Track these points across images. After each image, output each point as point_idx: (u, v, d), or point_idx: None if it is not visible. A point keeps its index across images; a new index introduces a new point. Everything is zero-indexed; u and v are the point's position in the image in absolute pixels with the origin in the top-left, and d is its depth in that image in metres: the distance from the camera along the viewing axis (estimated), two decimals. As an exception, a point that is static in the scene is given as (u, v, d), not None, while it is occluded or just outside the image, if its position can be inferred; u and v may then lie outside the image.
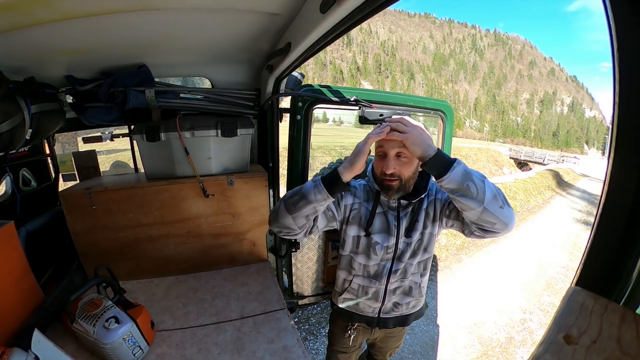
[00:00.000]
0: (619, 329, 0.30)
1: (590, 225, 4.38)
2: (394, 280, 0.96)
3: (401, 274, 0.96)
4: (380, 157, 0.86)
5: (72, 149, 1.93)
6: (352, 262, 0.98)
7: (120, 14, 0.77)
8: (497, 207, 0.72)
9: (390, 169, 0.81)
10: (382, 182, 0.86)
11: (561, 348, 0.30)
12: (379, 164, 0.85)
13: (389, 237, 0.92)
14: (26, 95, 0.93)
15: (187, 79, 1.64)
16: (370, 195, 0.95)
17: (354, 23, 0.57)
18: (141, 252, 1.19)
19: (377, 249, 0.93)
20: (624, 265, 0.35)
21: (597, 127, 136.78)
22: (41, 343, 0.65)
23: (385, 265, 0.95)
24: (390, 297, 0.99)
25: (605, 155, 0.39)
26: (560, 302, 0.35)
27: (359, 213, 0.94)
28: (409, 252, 0.94)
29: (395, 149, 0.81)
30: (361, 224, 0.94)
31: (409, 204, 0.92)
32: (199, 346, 0.87)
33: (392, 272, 0.95)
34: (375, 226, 0.93)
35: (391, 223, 0.92)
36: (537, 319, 2.80)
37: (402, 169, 0.83)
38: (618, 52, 0.31)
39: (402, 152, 0.81)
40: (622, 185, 0.35)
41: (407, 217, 0.92)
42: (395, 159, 0.82)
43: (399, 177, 0.83)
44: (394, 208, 0.93)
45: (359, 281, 0.99)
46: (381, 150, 0.84)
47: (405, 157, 0.82)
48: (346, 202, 0.94)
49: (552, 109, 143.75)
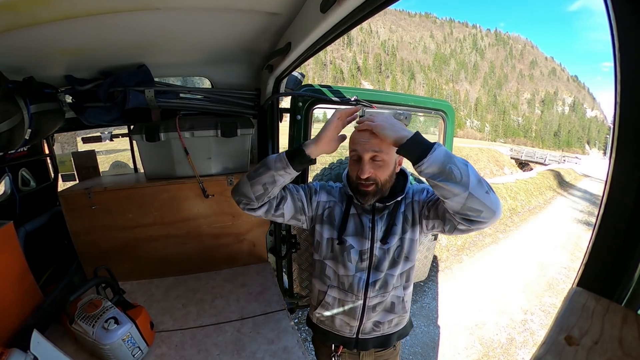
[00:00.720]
0: (620, 330, 0.30)
1: (591, 225, 4.33)
2: (373, 294, 0.87)
3: (381, 288, 0.87)
4: (354, 161, 0.81)
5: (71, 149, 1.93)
6: (325, 269, 0.91)
7: (119, 14, 0.77)
8: (483, 192, 0.66)
9: (365, 174, 0.77)
10: (358, 187, 0.81)
11: (562, 349, 0.30)
12: (354, 168, 0.81)
13: (364, 240, 0.86)
14: (25, 95, 0.92)
15: (186, 78, 1.64)
16: (343, 197, 0.90)
17: (354, 23, 0.57)
18: (141, 253, 1.19)
19: (351, 253, 0.86)
20: (625, 266, 0.35)
21: (599, 127, 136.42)
22: (40, 344, 0.65)
23: (360, 277, 0.86)
24: (369, 315, 0.90)
25: (607, 155, 0.39)
26: (561, 302, 0.35)
27: (333, 212, 0.88)
28: (388, 261, 0.86)
29: (369, 152, 0.77)
30: (334, 225, 0.88)
31: (385, 207, 0.86)
32: (199, 347, 0.86)
33: (370, 284, 0.86)
34: (349, 229, 0.87)
35: (365, 226, 0.86)
36: (538, 319, 2.79)
37: (378, 173, 0.79)
38: (619, 51, 0.31)
39: (377, 155, 0.78)
40: (623, 185, 0.35)
41: (382, 221, 0.87)
42: (370, 162, 0.78)
43: (375, 181, 0.79)
44: (368, 211, 0.87)
45: (334, 293, 0.90)
46: (355, 154, 0.80)
47: (380, 160, 0.78)
48: (319, 199, 0.89)
49: (554, 109, 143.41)
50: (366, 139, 0.78)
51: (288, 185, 0.87)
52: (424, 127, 4.34)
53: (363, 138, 0.78)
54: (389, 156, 0.79)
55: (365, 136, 0.78)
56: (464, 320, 2.66)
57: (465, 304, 2.91)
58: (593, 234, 0.38)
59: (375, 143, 0.77)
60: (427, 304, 2.86)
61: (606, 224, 0.37)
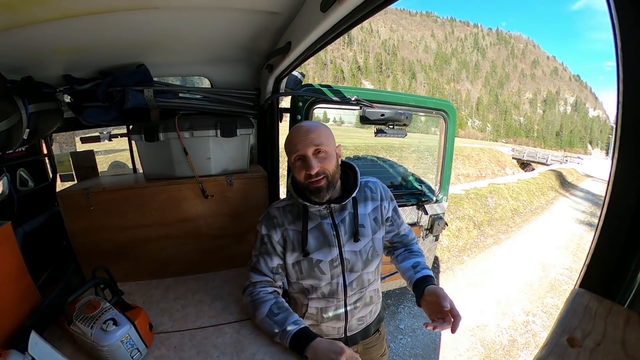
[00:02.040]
0: (623, 332, 0.30)
1: (594, 226, 4.32)
2: (352, 293, 0.89)
3: (358, 285, 0.89)
4: (299, 162, 0.80)
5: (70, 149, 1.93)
6: (302, 287, 0.90)
7: (118, 13, 0.77)
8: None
9: (315, 168, 0.76)
10: (309, 185, 0.79)
11: (565, 351, 0.30)
12: (301, 169, 0.80)
13: (331, 249, 0.84)
14: (23, 95, 0.92)
15: (186, 78, 1.63)
16: (294, 215, 0.87)
17: (354, 22, 0.57)
18: (139, 254, 1.18)
19: (322, 267, 0.84)
20: (628, 267, 0.35)
21: (601, 127, 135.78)
22: (38, 345, 0.64)
23: (338, 281, 0.87)
24: (353, 314, 0.92)
25: (609, 155, 0.39)
26: (563, 304, 0.35)
27: (290, 239, 0.86)
28: (361, 262, 0.87)
29: (311, 147, 0.77)
30: (295, 248, 0.86)
31: (342, 207, 0.85)
32: (198, 349, 0.85)
33: (348, 285, 0.88)
34: (311, 245, 0.84)
35: (329, 233, 0.84)
36: (541, 321, 2.77)
37: (325, 165, 0.78)
38: (622, 51, 0.31)
39: (318, 148, 0.77)
40: (626, 185, 0.35)
41: (344, 224, 0.85)
42: (314, 157, 0.78)
43: (325, 173, 0.79)
44: (326, 215, 0.85)
45: (315, 304, 0.90)
46: (298, 154, 0.79)
47: (323, 151, 0.78)
48: (277, 238, 0.87)
49: (555, 109, 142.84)
50: (304, 136, 0.78)
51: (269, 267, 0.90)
52: (425, 127, 4.32)
53: (301, 136, 0.79)
54: (330, 147, 0.80)
55: (303, 134, 0.79)
56: (466, 321, 2.64)
57: (467, 305, 2.89)
58: (595, 235, 0.38)
59: (314, 137, 0.78)
60: (428, 305, 2.84)
61: (609, 224, 0.37)
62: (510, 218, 5.69)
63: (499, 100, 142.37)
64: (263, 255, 0.90)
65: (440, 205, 1.88)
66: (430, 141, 4.25)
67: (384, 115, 1.44)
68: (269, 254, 0.89)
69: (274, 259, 0.89)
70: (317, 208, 0.84)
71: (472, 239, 4.46)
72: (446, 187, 1.89)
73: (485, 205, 5.56)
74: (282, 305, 0.85)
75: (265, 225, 0.88)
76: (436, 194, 1.87)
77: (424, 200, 1.80)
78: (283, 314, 0.82)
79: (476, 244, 4.38)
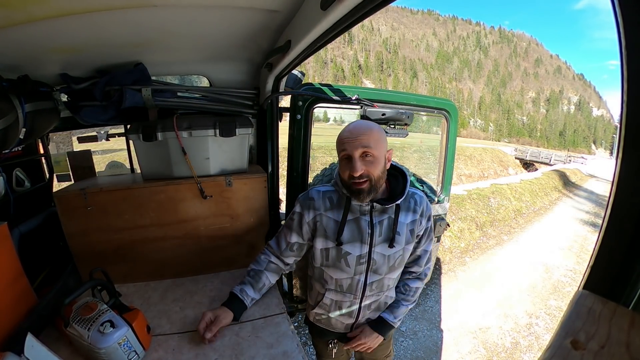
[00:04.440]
0: (628, 334, 0.30)
1: (598, 227, 4.28)
2: (370, 293, 0.91)
3: (377, 288, 0.91)
4: (345, 161, 0.81)
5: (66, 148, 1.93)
6: (323, 274, 0.93)
7: (116, 11, 0.75)
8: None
9: (358, 171, 0.77)
10: (352, 186, 0.81)
11: (568, 354, 0.30)
12: (345, 168, 0.80)
13: (362, 245, 0.86)
14: (20, 94, 0.91)
15: (184, 77, 1.62)
16: (334, 203, 0.88)
17: (355, 20, 0.56)
18: (137, 255, 1.17)
19: (348, 260, 0.87)
20: (633, 268, 0.34)
21: (605, 127, 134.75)
22: (34, 347, 0.64)
23: (359, 279, 0.89)
24: (364, 313, 0.95)
25: (614, 155, 0.38)
26: (567, 306, 0.34)
27: (322, 225, 0.88)
28: (387, 266, 0.88)
29: (359, 149, 0.77)
30: (327, 235, 0.88)
31: (384, 209, 0.86)
32: (197, 351, 0.84)
33: (368, 285, 0.89)
34: (345, 236, 0.86)
35: (364, 230, 0.85)
36: (544, 323, 2.74)
37: (370, 169, 0.78)
38: (626, 49, 0.31)
39: (366, 151, 0.77)
40: (631, 186, 0.34)
41: (381, 226, 0.86)
42: (361, 159, 0.78)
43: (368, 177, 0.79)
44: (366, 212, 0.86)
45: (331, 296, 0.93)
46: (345, 153, 0.79)
47: (370, 155, 0.78)
48: (308, 219, 0.89)
49: (559, 108, 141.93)
50: (354, 137, 0.78)
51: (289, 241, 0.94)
52: (426, 126, 4.30)
53: (351, 136, 0.78)
54: (379, 151, 0.79)
55: (354, 134, 0.78)
56: (468, 324, 2.63)
57: (469, 307, 2.87)
58: (599, 236, 0.38)
59: (364, 139, 0.77)
60: (429, 307, 2.82)
61: (613, 225, 0.36)
62: (513, 219, 5.65)
63: (501, 99, 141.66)
64: (285, 228, 0.95)
65: (442, 206, 1.86)
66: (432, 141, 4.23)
67: (385, 115, 1.42)
68: (291, 229, 0.93)
69: (293, 235, 0.93)
70: (359, 203, 0.85)
71: (475, 240, 4.43)
72: (448, 187, 1.87)
73: (488, 205, 5.52)
74: (258, 275, 0.97)
75: (300, 204, 0.92)
76: (438, 194, 1.85)
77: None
78: (249, 278, 0.97)
79: (478, 245, 4.35)
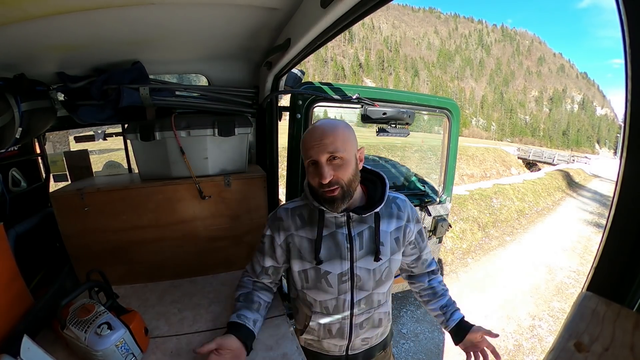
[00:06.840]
0: (632, 336, 0.29)
1: (601, 227, 4.23)
2: (359, 312, 0.83)
3: (367, 305, 0.83)
4: (312, 167, 0.73)
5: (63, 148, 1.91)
6: (306, 297, 0.85)
7: (113, 9, 0.75)
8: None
9: (327, 178, 0.69)
10: (323, 195, 0.72)
11: (572, 356, 0.29)
12: (314, 175, 0.72)
13: (342, 262, 0.78)
14: (16, 93, 0.90)
15: (183, 76, 1.61)
16: (305, 220, 0.80)
17: (356, 18, 0.55)
18: (135, 256, 1.16)
19: (329, 279, 0.79)
20: (637, 269, 0.34)
21: (609, 126, 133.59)
22: (31, 349, 0.63)
23: (344, 298, 0.81)
24: (357, 333, 0.86)
25: (618, 155, 0.38)
26: (570, 308, 0.34)
27: (295, 245, 0.80)
28: (373, 281, 0.81)
29: (325, 154, 0.69)
30: (303, 256, 0.80)
31: (362, 219, 0.78)
32: (195, 353, 0.83)
33: (355, 303, 0.82)
34: (323, 253, 0.78)
35: (342, 245, 0.77)
36: (547, 325, 2.72)
37: (339, 174, 0.70)
38: (630, 48, 0.31)
39: (333, 154, 0.69)
40: (635, 186, 0.34)
41: (361, 237, 0.78)
42: (328, 164, 0.70)
43: (338, 183, 0.71)
44: (342, 224, 0.78)
45: (318, 319, 0.86)
46: (310, 159, 0.72)
47: (339, 159, 0.70)
48: (279, 241, 0.82)
49: (562, 107, 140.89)
50: (318, 139, 0.70)
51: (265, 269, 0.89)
52: (428, 126, 4.27)
53: (315, 140, 0.71)
54: (347, 153, 0.71)
55: (317, 137, 0.71)
56: (470, 325, 2.60)
57: (471, 309, 2.85)
58: (603, 237, 0.38)
59: (329, 142, 0.69)
60: (431, 307, 2.80)
61: (617, 226, 0.36)
62: (516, 219, 5.61)
63: (504, 98, 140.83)
64: (257, 253, 0.90)
65: (443, 206, 1.84)
66: (434, 140, 4.20)
67: (386, 114, 1.41)
68: (264, 253, 0.87)
69: (267, 259, 0.87)
70: (334, 215, 0.77)
71: (477, 241, 4.40)
72: (450, 187, 1.85)
73: (490, 206, 5.49)
74: (248, 297, 0.88)
75: (269, 226, 0.85)
76: (439, 194, 1.83)
77: (427, 201, 1.76)
78: (240, 304, 0.87)
79: (481, 246, 4.33)
